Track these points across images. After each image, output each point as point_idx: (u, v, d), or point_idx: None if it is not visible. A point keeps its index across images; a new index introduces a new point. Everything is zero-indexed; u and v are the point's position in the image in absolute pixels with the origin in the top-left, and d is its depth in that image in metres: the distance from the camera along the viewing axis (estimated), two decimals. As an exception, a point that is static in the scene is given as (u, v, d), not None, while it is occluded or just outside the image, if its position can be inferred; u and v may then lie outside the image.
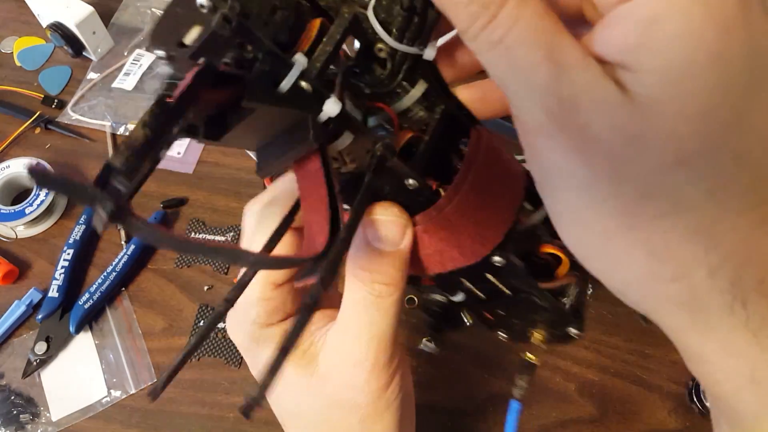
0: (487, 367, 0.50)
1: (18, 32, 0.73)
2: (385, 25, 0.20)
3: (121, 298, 0.54)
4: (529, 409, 0.48)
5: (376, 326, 0.22)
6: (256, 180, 0.60)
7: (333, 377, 0.23)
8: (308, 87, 0.18)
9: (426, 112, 0.23)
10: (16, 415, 0.49)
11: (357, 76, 0.22)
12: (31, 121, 0.64)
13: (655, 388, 0.49)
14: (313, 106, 0.18)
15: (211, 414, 0.49)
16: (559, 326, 0.27)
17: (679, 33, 0.14)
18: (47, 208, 0.57)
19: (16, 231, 0.57)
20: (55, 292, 0.53)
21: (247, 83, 0.16)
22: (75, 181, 0.13)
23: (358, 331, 0.23)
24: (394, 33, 0.21)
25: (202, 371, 0.51)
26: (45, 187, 0.13)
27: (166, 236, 0.15)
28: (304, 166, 0.20)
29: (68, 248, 0.55)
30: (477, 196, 0.22)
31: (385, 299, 0.22)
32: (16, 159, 0.59)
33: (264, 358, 0.25)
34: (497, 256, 0.23)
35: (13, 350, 0.52)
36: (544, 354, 0.50)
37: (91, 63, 0.70)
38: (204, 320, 0.52)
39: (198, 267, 0.56)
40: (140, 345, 0.52)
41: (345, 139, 0.20)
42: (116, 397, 0.50)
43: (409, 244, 0.22)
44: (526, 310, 0.27)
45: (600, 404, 0.48)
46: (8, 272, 0.55)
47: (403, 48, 0.21)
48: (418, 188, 0.21)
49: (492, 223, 0.23)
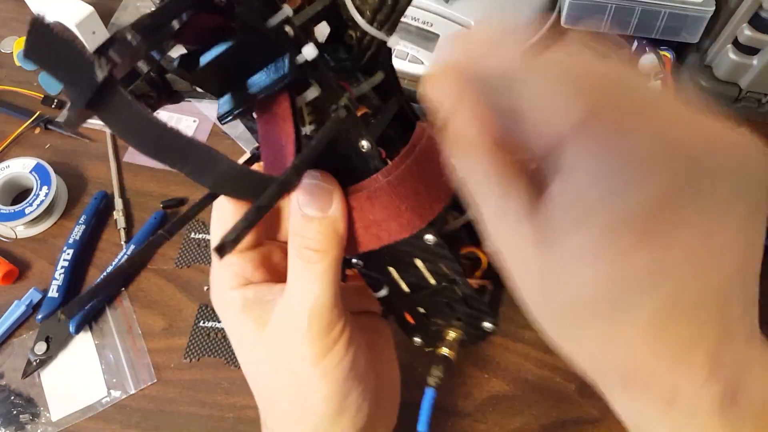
0: (487, 367, 0.50)
1: (18, 32, 0.73)
2: (360, 10, 0.23)
3: (121, 298, 0.54)
4: (529, 409, 0.48)
5: (308, 293, 0.23)
6: (256, 180, 0.60)
7: (275, 341, 0.24)
8: (290, 31, 0.20)
9: (380, 102, 0.25)
10: (15, 415, 0.49)
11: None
12: (31, 121, 0.64)
13: (655, 388, 0.49)
14: (291, 50, 0.20)
15: (211, 414, 0.49)
16: (475, 320, 0.28)
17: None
18: (47, 208, 0.57)
19: (16, 231, 0.57)
20: (55, 292, 0.53)
21: (240, 6, 0.18)
22: (70, 41, 0.13)
23: (293, 297, 0.23)
24: (367, 15, 0.23)
25: (202, 371, 0.51)
26: (36, 51, 0.13)
27: (146, 121, 0.16)
28: (270, 109, 0.21)
29: (68, 248, 0.55)
30: (419, 170, 0.23)
31: (313, 265, 0.23)
32: (16, 159, 0.59)
33: (227, 321, 0.26)
34: (430, 234, 0.24)
35: (13, 350, 0.52)
36: (545, 354, 0.50)
37: (91, 63, 0.70)
38: (204, 320, 0.52)
39: (198, 267, 0.56)
40: (140, 345, 0.52)
41: (312, 92, 0.21)
42: (116, 397, 0.50)
43: (340, 210, 0.23)
44: (446, 306, 0.28)
45: (600, 404, 0.48)
46: (8, 272, 0.55)
47: (372, 31, 0.23)
48: (370, 151, 0.22)
49: (430, 197, 0.24)
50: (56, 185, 0.58)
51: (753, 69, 0.57)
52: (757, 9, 0.54)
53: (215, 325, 0.52)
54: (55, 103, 0.66)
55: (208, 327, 0.52)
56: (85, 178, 0.62)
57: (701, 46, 0.62)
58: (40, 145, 0.64)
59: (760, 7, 0.54)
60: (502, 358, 0.50)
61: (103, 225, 0.58)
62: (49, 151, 0.64)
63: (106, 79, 0.14)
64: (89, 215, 0.57)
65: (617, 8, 0.59)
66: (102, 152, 0.63)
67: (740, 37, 0.56)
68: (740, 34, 0.56)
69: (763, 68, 0.56)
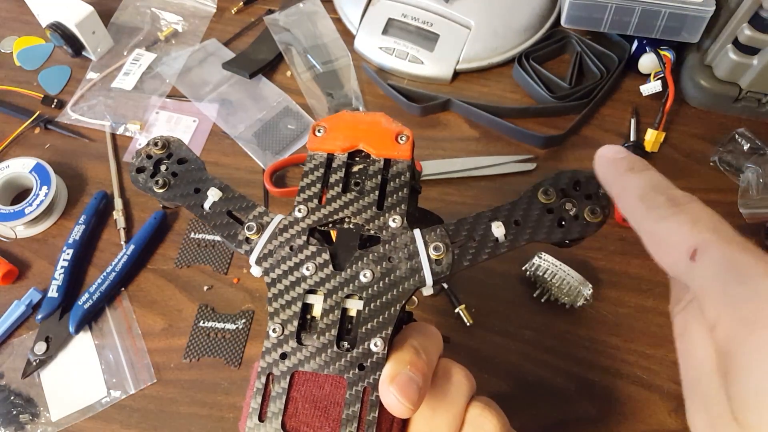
0: (487, 367, 0.50)
1: (18, 32, 0.73)
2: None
3: (121, 298, 0.54)
4: (529, 410, 0.48)
5: None
6: (255, 180, 0.60)
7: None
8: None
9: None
10: (15, 415, 0.49)
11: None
12: (31, 121, 0.64)
13: (655, 388, 0.49)
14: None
15: (211, 414, 0.49)
16: None
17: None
18: (47, 208, 0.57)
19: (16, 231, 0.57)
20: (55, 292, 0.53)
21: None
22: None
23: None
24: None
25: (202, 371, 0.51)
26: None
27: None
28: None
29: (68, 248, 0.55)
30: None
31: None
32: (16, 159, 0.59)
33: None
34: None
35: (13, 350, 0.52)
36: (545, 354, 0.50)
37: (91, 63, 0.70)
38: (204, 320, 0.52)
39: (198, 267, 0.56)
40: (140, 345, 0.52)
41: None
42: (116, 397, 0.50)
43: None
44: None
45: (600, 404, 0.48)
46: (8, 272, 0.55)
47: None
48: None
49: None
50: (56, 185, 0.57)
51: (753, 69, 0.57)
52: (757, 9, 0.54)
53: (215, 325, 0.52)
54: (55, 103, 0.66)
55: (207, 327, 0.52)
56: (85, 178, 0.62)
57: (701, 46, 0.62)
58: (39, 145, 0.64)
59: (760, 7, 0.54)
60: (502, 358, 0.50)
61: (102, 225, 0.58)
62: (48, 151, 0.64)
63: None
64: (89, 215, 0.57)
65: (617, 8, 0.59)
66: (102, 152, 0.63)
67: (740, 37, 0.56)
68: (740, 34, 0.56)
69: (763, 68, 0.56)
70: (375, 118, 0.32)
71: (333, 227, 0.29)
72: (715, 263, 0.19)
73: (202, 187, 0.32)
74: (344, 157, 0.31)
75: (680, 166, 0.60)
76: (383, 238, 0.28)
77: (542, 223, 0.28)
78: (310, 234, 0.28)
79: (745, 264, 0.19)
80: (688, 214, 0.21)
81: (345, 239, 0.29)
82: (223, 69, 0.68)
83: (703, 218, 0.21)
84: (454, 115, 0.65)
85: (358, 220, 0.29)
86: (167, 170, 0.32)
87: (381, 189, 0.30)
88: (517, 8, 0.67)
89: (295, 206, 0.29)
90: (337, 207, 0.29)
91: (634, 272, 0.54)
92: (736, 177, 0.58)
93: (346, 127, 0.31)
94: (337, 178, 0.30)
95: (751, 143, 0.59)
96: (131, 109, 0.66)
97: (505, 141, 0.62)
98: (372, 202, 0.29)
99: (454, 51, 0.65)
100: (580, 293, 0.50)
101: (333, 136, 0.31)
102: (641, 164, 0.24)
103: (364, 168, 0.31)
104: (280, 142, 0.63)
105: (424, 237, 0.28)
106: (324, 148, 0.31)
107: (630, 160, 0.25)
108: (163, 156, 0.33)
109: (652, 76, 0.63)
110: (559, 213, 0.28)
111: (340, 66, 0.67)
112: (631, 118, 0.63)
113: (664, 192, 0.22)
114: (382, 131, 0.31)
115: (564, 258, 0.50)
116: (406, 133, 0.31)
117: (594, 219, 0.28)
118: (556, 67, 0.67)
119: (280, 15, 0.70)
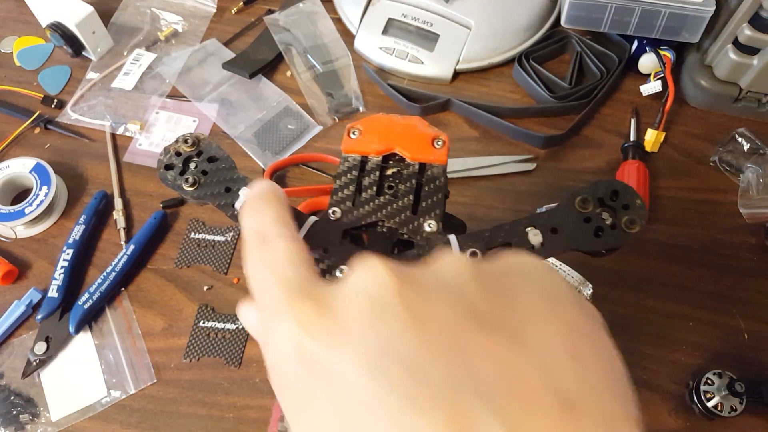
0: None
1: (18, 32, 0.73)
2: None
3: (121, 298, 0.54)
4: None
5: None
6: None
7: None
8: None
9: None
10: (15, 415, 0.49)
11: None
12: (31, 121, 0.64)
13: (655, 388, 0.49)
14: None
15: (211, 414, 0.49)
16: None
17: None
18: (47, 208, 0.57)
19: (16, 231, 0.57)
20: (55, 292, 0.53)
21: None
22: None
23: None
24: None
25: (202, 371, 0.51)
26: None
27: None
28: None
29: (68, 248, 0.55)
30: None
31: None
32: (16, 159, 0.59)
33: None
34: None
35: (13, 350, 0.52)
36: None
37: (91, 63, 0.70)
38: (204, 320, 0.52)
39: (198, 267, 0.56)
40: (140, 345, 0.52)
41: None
42: (116, 397, 0.50)
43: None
44: None
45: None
46: (8, 272, 0.55)
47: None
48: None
49: None
50: (56, 185, 0.57)
51: (753, 69, 0.57)
52: (757, 9, 0.54)
53: (215, 325, 0.52)
54: (54, 103, 0.66)
55: (208, 327, 0.52)
56: (85, 178, 0.62)
57: (701, 46, 0.62)
58: (39, 145, 0.64)
59: (760, 7, 0.54)
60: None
61: (102, 225, 0.58)
62: (48, 151, 0.64)
63: None
64: (89, 215, 0.57)
65: (617, 8, 0.59)
66: (102, 152, 0.63)
67: (740, 37, 0.56)
68: (740, 34, 0.56)
69: (763, 68, 0.56)
70: (411, 122, 0.32)
71: (366, 231, 0.29)
72: None
73: (233, 186, 0.31)
74: (378, 159, 0.31)
75: (680, 166, 0.60)
76: (417, 242, 0.28)
77: (579, 232, 0.28)
78: (342, 236, 0.28)
79: None
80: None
81: (377, 243, 0.28)
82: (223, 69, 0.68)
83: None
84: (454, 115, 0.65)
85: (392, 224, 0.29)
86: (197, 168, 0.31)
87: (416, 193, 0.29)
88: (517, 8, 0.67)
89: (329, 208, 0.29)
90: (371, 209, 0.29)
91: (634, 272, 0.54)
92: (736, 177, 0.58)
93: (381, 129, 0.31)
94: (371, 180, 0.30)
95: (751, 143, 0.59)
96: (131, 109, 0.66)
97: (505, 141, 0.62)
98: (406, 206, 0.29)
99: (454, 51, 0.65)
100: (580, 293, 0.50)
101: (368, 139, 0.31)
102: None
103: (398, 171, 0.31)
104: (280, 142, 0.63)
105: (460, 242, 0.27)
106: (358, 150, 0.31)
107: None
108: (192, 153, 0.32)
109: (652, 76, 0.63)
110: (596, 222, 0.28)
111: (340, 66, 0.67)
112: (631, 118, 0.63)
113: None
114: (418, 135, 0.31)
115: (564, 258, 0.50)
116: (442, 137, 0.31)
117: (631, 229, 0.28)
118: (556, 67, 0.67)
119: (280, 15, 0.70)
